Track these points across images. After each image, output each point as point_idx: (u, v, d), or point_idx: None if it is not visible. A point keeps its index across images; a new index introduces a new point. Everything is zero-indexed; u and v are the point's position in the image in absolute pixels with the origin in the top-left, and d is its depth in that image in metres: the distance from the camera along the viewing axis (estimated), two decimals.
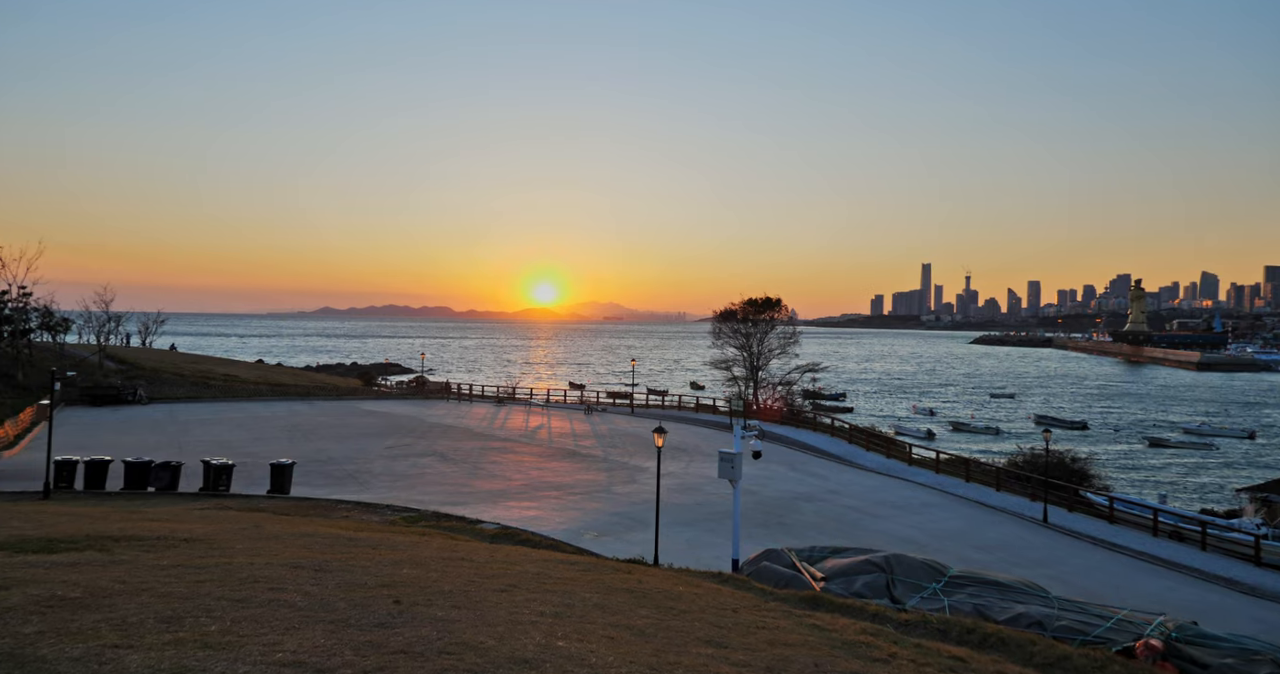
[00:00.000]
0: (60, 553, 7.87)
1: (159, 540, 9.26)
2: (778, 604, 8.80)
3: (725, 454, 14.58)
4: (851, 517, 26.47)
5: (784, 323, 52.18)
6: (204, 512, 18.79)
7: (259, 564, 7.56)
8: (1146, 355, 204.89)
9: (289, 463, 25.89)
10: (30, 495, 24.03)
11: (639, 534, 23.04)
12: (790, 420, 48.54)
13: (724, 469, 14.63)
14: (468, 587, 7.32)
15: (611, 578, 9.34)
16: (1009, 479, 32.65)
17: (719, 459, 14.71)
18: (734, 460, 14.53)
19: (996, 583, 11.37)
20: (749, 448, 14.87)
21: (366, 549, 10.10)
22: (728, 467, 14.54)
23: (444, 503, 25.37)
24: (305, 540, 10.43)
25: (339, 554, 9.26)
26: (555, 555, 11.76)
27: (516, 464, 33.60)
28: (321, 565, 7.83)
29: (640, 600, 7.76)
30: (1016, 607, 10.08)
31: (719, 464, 14.74)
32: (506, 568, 9.18)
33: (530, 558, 10.80)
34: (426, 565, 8.66)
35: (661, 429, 18.24)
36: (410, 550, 10.33)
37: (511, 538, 17.56)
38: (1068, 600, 10.65)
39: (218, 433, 41.98)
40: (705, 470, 33.21)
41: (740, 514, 26.52)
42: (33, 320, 65.24)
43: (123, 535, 9.53)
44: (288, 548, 9.53)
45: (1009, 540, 24.51)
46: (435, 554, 10.09)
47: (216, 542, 9.64)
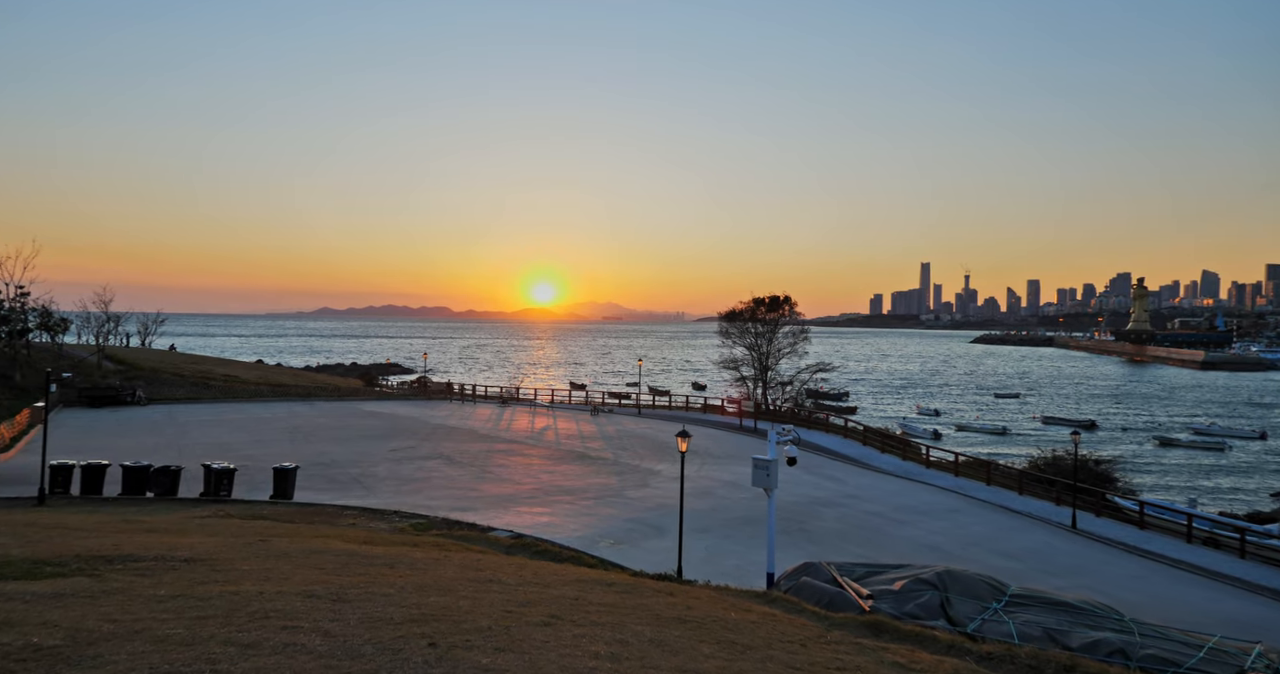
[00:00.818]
0: (44, 580, 6.99)
1: (156, 562, 8.37)
2: (842, 634, 7.93)
3: (760, 461, 13.71)
4: (874, 523, 25.62)
5: (792, 322, 51.32)
6: (204, 520, 17.92)
7: (269, 593, 6.67)
8: (1150, 354, 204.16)
9: (292, 467, 25.03)
10: (25, 501, 23.15)
11: (656, 542, 22.20)
12: (802, 421, 47.68)
13: (758, 477, 13.75)
14: (505, 620, 6.45)
15: (655, 602, 8.48)
16: (1031, 482, 31.80)
17: (753, 466, 13.84)
18: (769, 468, 13.65)
19: (1063, 603, 10.51)
20: (783, 454, 14.00)
21: (383, 569, 9.22)
22: (762, 474, 13.66)
23: (453, 508, 24.52)
24: (316, 559, 9.55)
25: (355, 576, 8.38)
26: (585, 573, 10.88)
27: (525, 467, 32.74)
28: (339, 594, 6.94)
29: (697, 633, 6.88)
30: (1091, 632, 9.23)
31: (753, 472, 13.87)
32: (540, 592, 8.30)
33: (561, 577, 9.91)
34: (454, 591, 7.77)
35: (685, 433, 17.39)
36: (432, 570, 9.46)
37: (528, 548, 16.70)
38: (1145, 624, 9.80)
39: (218, 435, 41.11)
40: (718, 474, 32.37)
41: (759, 519, 25.74)
42: (31, 321, 64.38)
43: (116, 555, 8.65)
44: (298, 570, 8.64)
45: (1038, 547, 23.66)
46: (459, 575, 9.21)
47: (219, 562, 8.74)
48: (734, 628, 7.37)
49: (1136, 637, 9.01)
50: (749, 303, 51.14)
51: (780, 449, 14.09)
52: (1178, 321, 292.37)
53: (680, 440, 17.39)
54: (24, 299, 61.74)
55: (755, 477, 13.82)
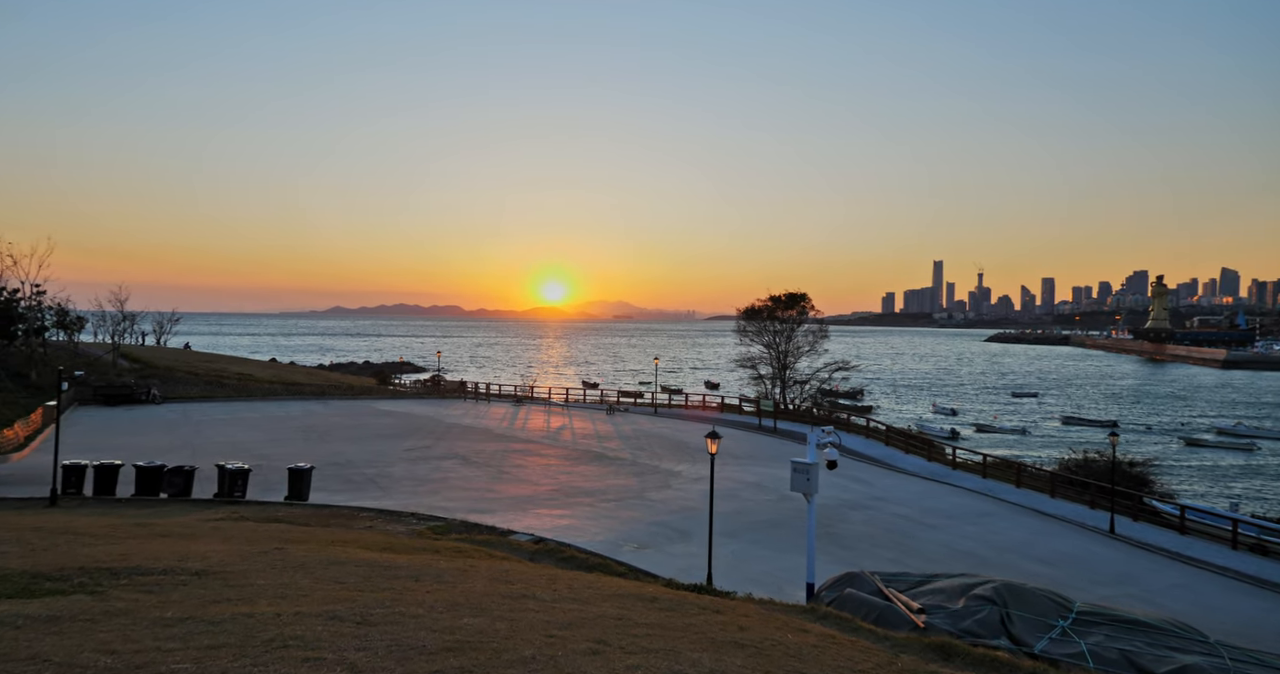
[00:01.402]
0: (42, 598, 6.37)
1: (165, 575, 7.74)
2: (913, 660, 7.21)
3: (799, 465, 12.96)
4: (903, 526, 24.82)
5: (811, 320, 50.42)
6: (218, 523, 17.38)
7: (286, 616, 6.00)
8: (1169, 353, 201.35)
9: (307, 467, 24.50)
10: (36, 502, 22.73)
11: (681, 546, 21.51)
12: (821, 421, 46.86)
13: (797, 482, 13.01)
14: (550, 647, 5.77)
15: (704, 622, 7.78)
16: (1063, 485, 30.87)
17: (792, 470, 13.10)
18: (809, 472, 12.90)
19: (1137, 622, 9.72)
20: (823, 457, 13.26)
21: (409, 582, 8.56)
22: (802, 478, 12.91)
23: (471, 510, 23.91)
24: (336, 571, 8.90)
25: (380, 592, 7.72)
26: (619, 585, 10.20)
27: (543, 468, 32.12)
28: (364, 615, 6.28)
29: (760, 661, 6.18)
30: (1176, 655, 8.46)
31: (792, 476, 13.12)
32: (580, 611, 7.62)
33: (596, 590, 9.23)
34: (488, 610, 7.10)
35: (715, 434, 16.68)
36: (459, 583, 8.79)
37: (553, 555, 16.05)
38: (1234, 648, 9.00)
39: (232, 434, 40.75)
40: (741, 475, 31.64)
41: (785, 523, 25.01)
42: (47, 319, 64.43)
43: (123, 567, 8.03)
44: (318, 584, 7.99)
45: (1077, 553, 22.79)
46: (489, 589, 8.53)
47: (232, 575, 8.10)
48: (797, 654, 6.66)
49: (1227, 662, 8.25)
50: (766, 300, 50.29)
51: (820, 452, 13.34)
52: (1197, 320, 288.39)
53: (710, 442, 16.68)
54: (40, 297, 61.76)
55: (794, 481, 13.07)
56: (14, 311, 55.24)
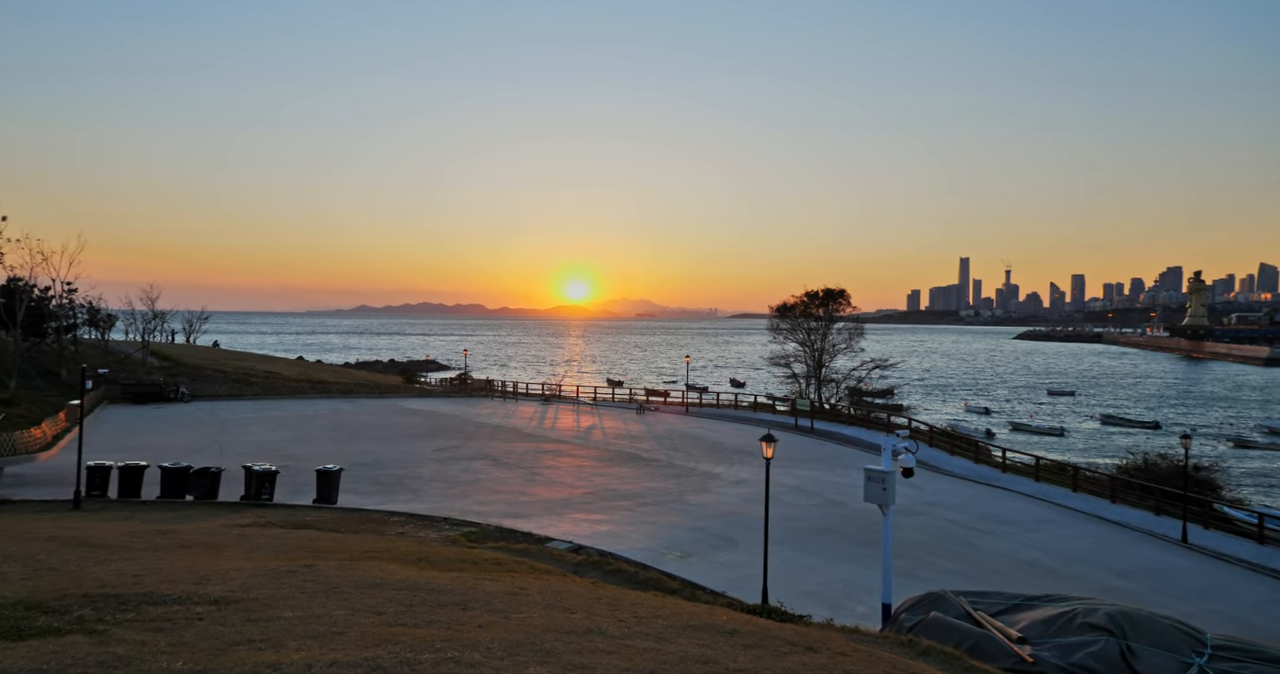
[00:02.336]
0: (31, 640, 5.37)
1: (179, 605, 6.71)
2: None
3: (874, 473, 11.72)
4: (960, 534, 23.44)
5: (847, 318, 48.90)
6: (244, 530, 16.51)
7: (320, 667, 4.93)
8: (1208, 351, 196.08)
9: (336, 469, 23.66)
10: (60, 505, 22.13)
11: (726, 554, 20.36)
12: (858, 421, 45.40)
13: (872, 491, 11.78)
14: None
15: (800, 664, 6.64)
16: (1124, 489, 29.23)
17: (865, 479, 11.87)
18: (885, 481, 11.67)
19: None
20: (899, 465, 12.02)
21: (456, 611, 7.49)
22: (877, 488, 11.68)
23: (505, 515, 22.94)
24: (373, 597, 7.84)
25: (426, 627, 6.65)
26: (685, 609, 9.06)
27: (576, 469, 31.09)
28: (413, 666, 5.19)
29: None
30: None
31: (866, 485, 11.90)
32: (657, 652, 6.48)
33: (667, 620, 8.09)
34: (554, 654, 5.99)
35: (770, 437, 15.49)
36: (512, 611, 7.70)
37: (598, 567, 14.97)
38: None
39: (259, 433, 40.23)
40: (781, 478, 30.35)
41: (834, 529, 23.76)
42: (78, 317, 64.73)
43: (133, 593, 7.02)
44: (354, 616, 6.92)
45: (1151, 565, 21.28)
46: (547, 620, 7.42)
47: (255, 604, 7.04)
48: None
49: None
50: (801, 297, 48.84)
51: (895, 459, 12.09)
52: (1235, 317, 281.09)
53: (765, 445, 15.50)
54: (71, 296, 62.02)
55: (868, 491, 11.83)
56: (45, 309, 55.36)
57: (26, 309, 51.63)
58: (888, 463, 11.81)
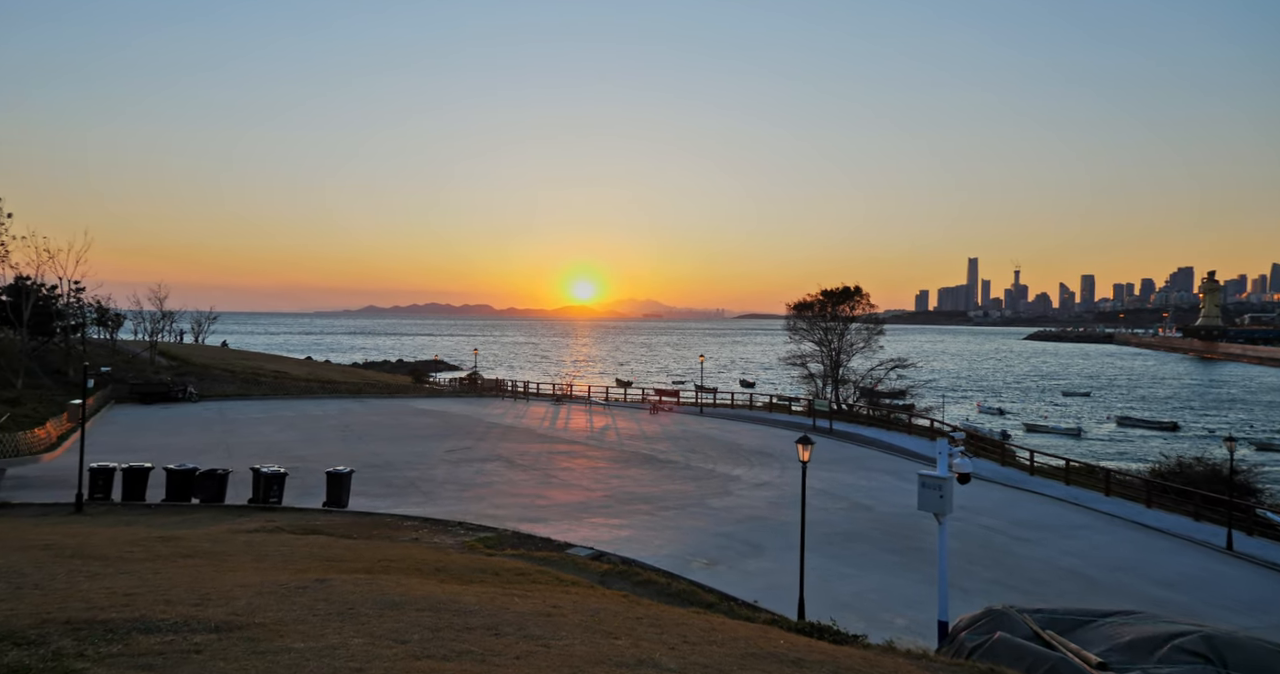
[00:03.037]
0: None
1: (174, 634, 5.89)
2: None
3: (929, 479, 10.80)
4: (995, 540, 22.49)
5: (865, 318, 47.91)
6: (251, 536, 15.72)
7: None
8: (1222, 352, 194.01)
9: (346, 471, 22.88)
10: (61, 508, 21.42)
11: (754, 561, 19.47)
12: (877, 422, 44.43)
13: (927, 499, 10.86)
14: None
15: None
16: (1159, 493, 28.20)
17: (920, 486, 10.96)
18: (942, 487, 10.75)
19: None
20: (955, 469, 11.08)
21: (488, 638, 6.65)
22: (933, 495, 10.75)
23: (521, 519, 22.11)
24: (394, 620, 7.00)
25: (457, 660, 5.84)
26: (736, 630, 8.20)
27: (591, 471, 30.24)
28: None
29: None
30: None
31: (920, 492, 10.98)
32: None
33: (723, 648, 7.24)
34: None
35: (807, 439, 14.61)
36: (551, 639, 6.85)
37: (625, 577, 14.11)
38: None
39: (268, 433, 39.54)
40: None
41: (863, 535, 22.84)
42: (86, 316, 64.27)
43: (123, 619, 6.20)
44: (374, 645, 6.08)
45: (1197, 574, 20.29)
46: (593, 651, 6.58)
47: (263, 631, 6.20)
48: None
49: None
50: (818, 295, 47.86)
51: (950, 463, 11.15)
52: (1248, 317, 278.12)
53: (801, 448, 14.61)
54: (79, 294, 61.55)
55: (923, 498, 10.92)
56: (51, 308, 54.87)
57: (33, 308, 51.12)
58: (943, 468, 10.90)
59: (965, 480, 11.36)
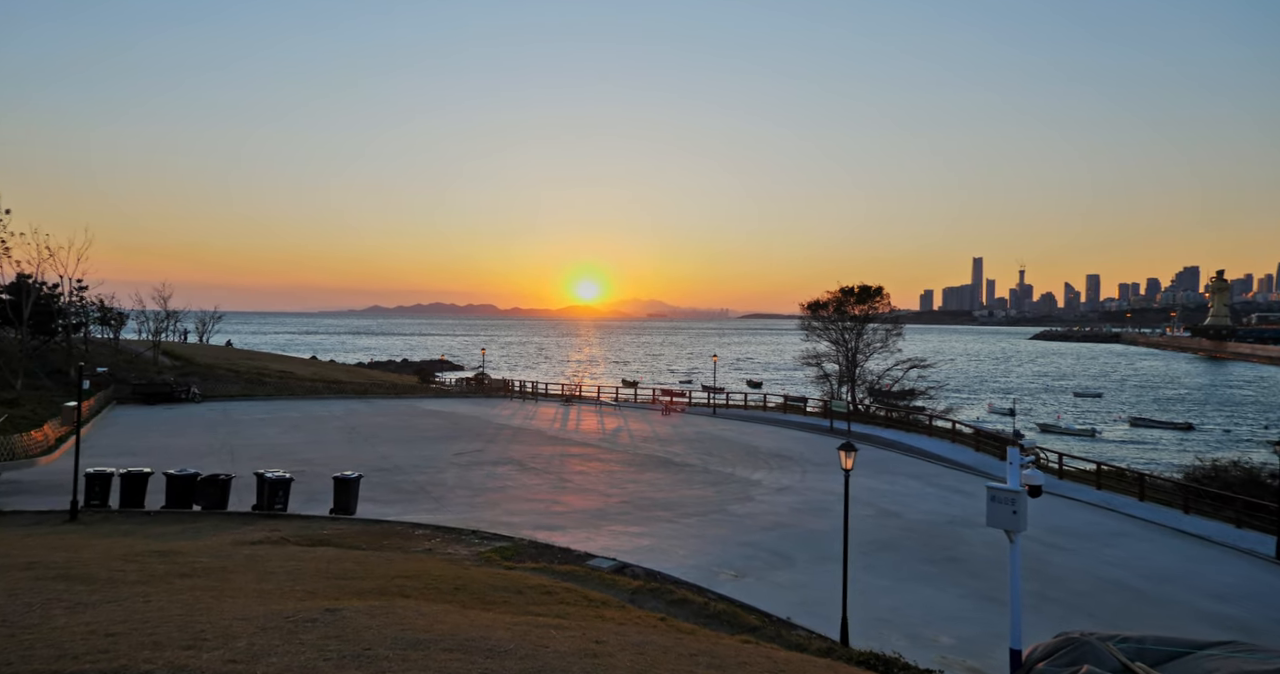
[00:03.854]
0: None
1: None
2: None
3: (1000, 492, 9.70)
4: (1031, 549, 21.43)
5: (883, 316, 46.81)
6: (255, 549, 14.76)
7: None
8: (1230, 351, 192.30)
9: (354, 476, 21.93)
10: (56, 516, 20.49)
11: (784, 573, 18.47)
12: (895, 424, 43.39)
13: (998, 515, 9.77)
14: None
15: None
16: (1196, 498, 27.14)
17: (989, 500, 9.88)
18: (1016, 502, 9.66)
19: None
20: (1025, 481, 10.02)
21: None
22: (1005, 511, 9.68)
23: (538, 526, 21.13)
24: (418, 666, 6.01)
25: None
26: (796, 664, 7.20)
27: (607, 475, 29.26)
28: None
29: None
30: None
31: (989, 507, 9.90)
32: None
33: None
34: None
35: (850, 446, 13.62)
36: None
37: (657, 594, 13.12)
38: None
39: (272, 435, 38.63)
40: (827, 484, 28.44)
41: (895, 544, 21.82)
42: (88, 315, 63.44)
43: (97, 672, 5.24)
44: None
45: (1248, 585, 19.25)
46: None
47: None
48: None
49: None
50: (835, 293, 46.79)
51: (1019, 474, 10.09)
52: (1255, 316, 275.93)
53: (844, 456, 13.62)
54: (81, 293, 60.72)
55: (993, 514, 9.85)
56: (52, 307, 54.02)
57: (34, 306, 50.27)
58: (1014, 480, 9.86)
59: (1036, 494, 10.34)
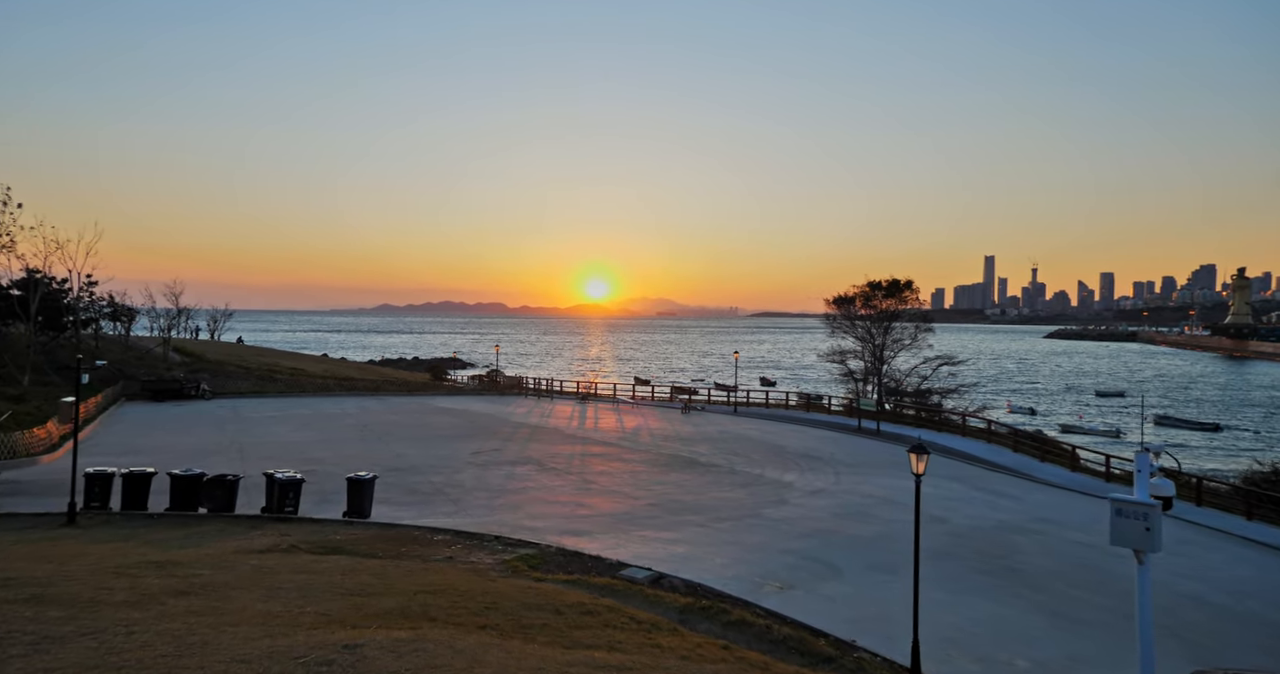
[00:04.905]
0: None
1: None
2: None
3: (1129, 506, 8.17)
4: (1094, 559, 19.95)
5: (910, 313, 45.23)
6: (262, 559, 13.47)
7: None
8: (1252, 350, 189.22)
9: (368, 477, 20.66)
10: (53, 519, 19.31)
11: (833, 585, 17.06)
12: (924, 423, 41.85)
13: (1126, 532, 8.24)
14: None
15: None
16: (1259, 503, 25.53)
17: (1114, 514, 8.39)
18: (1149, 517, 8.10)
19: None
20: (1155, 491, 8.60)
21: None
22: (1135, 527, 8.16)
23: (563, 531, 19.81)
24: None
25: None
26: None
27: (631, 476, 27.91)
28: None
29: None
30: None
31: (1114, 523, 8.41)
32: None
33: None
34: None
35: (921, 448, 12.22)
36: None
37: (710, 615, 11.74)
38: None
39: (283, 433, 37.48)
40: (863, 487, 27.00)
41: (946, 552, 20.39)
42: (98, 311, 62.59)
43: None
44: None
45: None
46: None
47: None
48: None
49: None
50: (863, 287, 45.23)
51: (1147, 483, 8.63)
52: (1275, 315, 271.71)
53: (915, 459, 12.21)
54: (92, 289, 59.85)
55: (1119, 531, 8.35)
56: (61, 302, 53.12)
57: (42, 301, 49.35)
58: (1142, 490, 8.40)
59: (1168, 506, 8.94)
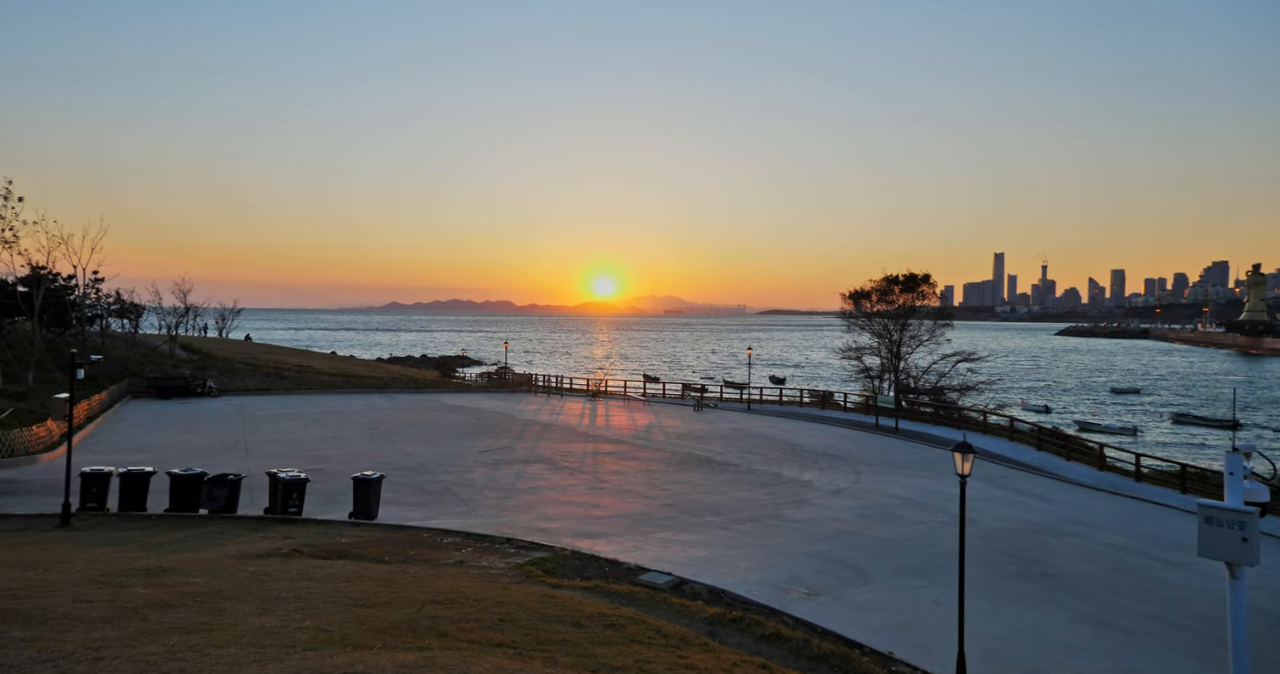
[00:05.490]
0: None
1: None
2: None
3: (1221, 513, 7.21)
4: (1133, 564, 18.99)
5: (928, 309, 44.20)
6: (262, 564, 12.69)
7: None
8: (1268, 347, 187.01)
9: (375, 476, 19.90)
10: (47, 520, 18.61)
11: (862, 591, 16.17)
12: (940, 420, 40.88)
13: (1217, 541, 7.31)
14: None
15: None
16: None
17: (1203, 521, 7.47)
18: (1245, 526, 7.14)
19: None
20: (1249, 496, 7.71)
21: None
22: (1228, 537, 7.23)
23: (577, 533, 19.00)
24: None
25: None
26: None
27: (645, 475, 27.07)
28: None
29: None
30: None
31: (1204, 532, 7.49)
32: None
33: None
34: None
35: (967, 447, 11.36)
36: None
37: (742, 628, 10.89)
38: None
39: (289, 430, 36.83)
40: (887, 487, 26.09)
41: (977, 556, 19.46)
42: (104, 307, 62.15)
43: None
44: None
45: None
46: None
47: None
48: None
49: None
50: (880, 281, 44.25)
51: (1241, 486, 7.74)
52: None
53: (960, 458, 11.36)
54: (98, 285, 59.39)
55: (1208, 540, 7.44)
56: (66, 299, 52.64)
57: (46, 298, 48.85)
58: (1235, 496, 7.50)
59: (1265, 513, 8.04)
